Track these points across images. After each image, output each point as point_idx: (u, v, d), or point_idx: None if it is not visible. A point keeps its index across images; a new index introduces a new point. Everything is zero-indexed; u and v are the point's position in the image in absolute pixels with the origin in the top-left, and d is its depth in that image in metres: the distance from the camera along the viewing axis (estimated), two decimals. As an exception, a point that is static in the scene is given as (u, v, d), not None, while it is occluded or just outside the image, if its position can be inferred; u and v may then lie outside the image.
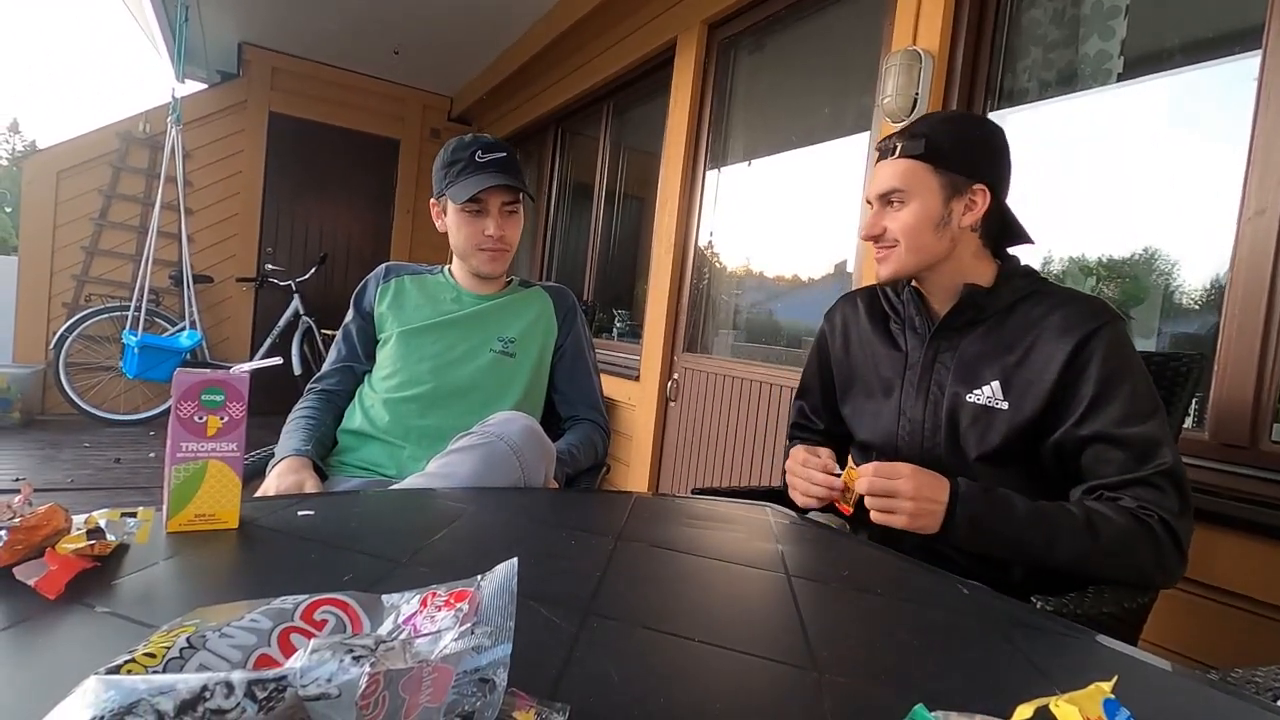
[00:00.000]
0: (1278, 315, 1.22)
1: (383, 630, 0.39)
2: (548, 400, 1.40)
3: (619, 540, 0.77)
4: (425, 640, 0.35)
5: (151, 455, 3.71)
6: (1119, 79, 1.60)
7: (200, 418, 0.67)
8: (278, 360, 0.90)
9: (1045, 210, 1.71)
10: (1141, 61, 1.59)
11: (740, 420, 2.51)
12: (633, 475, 3.09)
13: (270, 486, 1.07)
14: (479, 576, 0.40)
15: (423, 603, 0.39)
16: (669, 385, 2.93)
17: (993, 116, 1.81)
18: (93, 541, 0.55)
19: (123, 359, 4.02)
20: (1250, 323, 1.25)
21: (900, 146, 0.99)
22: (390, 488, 1.03)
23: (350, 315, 1.39)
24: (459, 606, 0.38)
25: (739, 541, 0.84)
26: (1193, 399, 1.06)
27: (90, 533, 0.56)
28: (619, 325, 3.77)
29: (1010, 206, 1.03)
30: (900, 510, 0.87)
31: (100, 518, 0.59)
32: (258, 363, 0.77)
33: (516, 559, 0.41)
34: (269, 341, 4.57)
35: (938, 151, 0.96)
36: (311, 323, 4.50)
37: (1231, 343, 1.27)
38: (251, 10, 4.16)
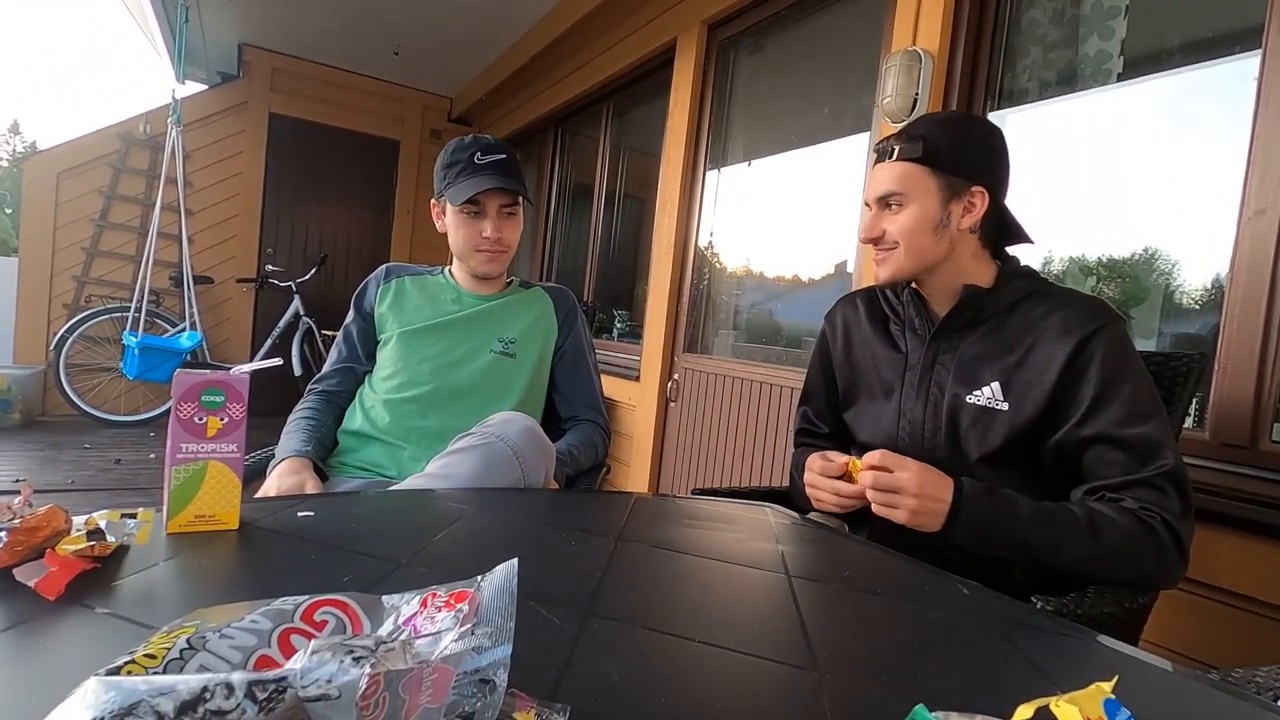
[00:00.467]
0: (1278, 315, 1.22)
1: (383, 631, 0.39)
2: (548, 401, 1.40)
3: (619, 541, 0.77)
4: (425, 641, 0.35)
5: (152, 456, 3.71)
6: (1119, 79, 1.60)
7: (200, 419, 0.67)
8: (278, 361, 0.90)
9: (1045, 210, 1.71)
10: (1141, 61, 1.59)
11: (740, 421, 2.51)
12: (633, 476, 3.09)
13: (271, 487, 1.07)
14: (479, 577, 0.40)
15: (423, 603, 0.39)
16: (669, 386, 2.93)
17: (993, 117, 1.81)
18: (93, 543, 0.55)
19: (123, 360, 4.02)
20: (1250, 322, 1.25)
21: (898, 149, 0.98)
22: (390, 488, 1.03)
23: (350, 316, 1.39)
24: (459, 607, 0.38)
25: (739, 542, 0.84)
26: (1193, 399, 1.06)
27: (90, 534, 0.56)
28: (619, 326, 3.77)
29: (1009, 207, 1.03)
30: (902, 505, 0.87)
31: (100, 519, 0.59)
32: (258, 364, 0.77)
33: (517, 560, 0.41)
34: (269, 342, 4.58)
35: (935, 154, 0.96)
36: (312, 324, 4.50)
37: (1232, 342, 1.27)
38: (251, 11, 4.16)
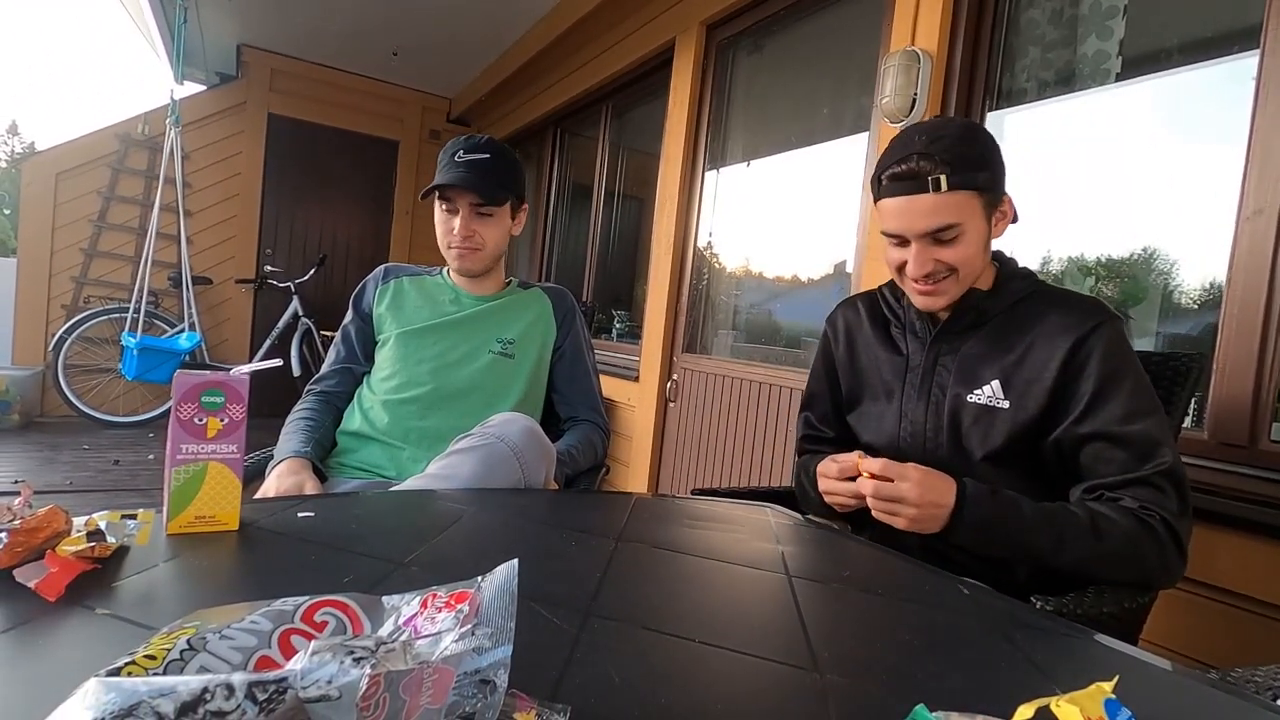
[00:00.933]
0: (1276, 315, 1.23)
1: (383, 632, 0.39)
2: (547, 401, 1.40)
3: (619, 541, 0.77)
4: (426, 642, 0.35)
5: (151, 457, 3.71)
6: (1117, 79, 1.60)
7: (200, 419, 0.67)
8: (277, 362, 0.90)
9: (1044, 210, 1.71)
10: (1140, 61, 1.59)
11: (740, 421, 2.51)
12: (633, 476, 3.09)
13: (270, 488, 1.06)
14: (479, 578, 0.40)
15: (423, 604, 0.39)
16: (668, 386, 2.93)
17: (991, 117, 1.81)
18: (93, 544, 0.55)
19: (122, 361, 4.01)
20: (1249, 322, 1.25)
21: (947, 179, 0.91)
22: (390, 489, 1.03)
23: (349, 316, 1.39)
24: (459, 608, 0.38)
25: (739, 542, 0.84)
26: (1192, 399, 1.06)
27: (90, 535, 0.56)
28: (618, 326, 3.77)
29: None
30: (903, 514, 0.88)
31: (100, 520, 0.59)
32: (257, 364, 0.77)
33: (517, 560, 0.41)
34: (268, 343, 4.57)
35: (976, 175, 0.92)
36: (311, 324, 4.50)
37: (1230, 342, 1.28)
38: (250, 12, 4.15)
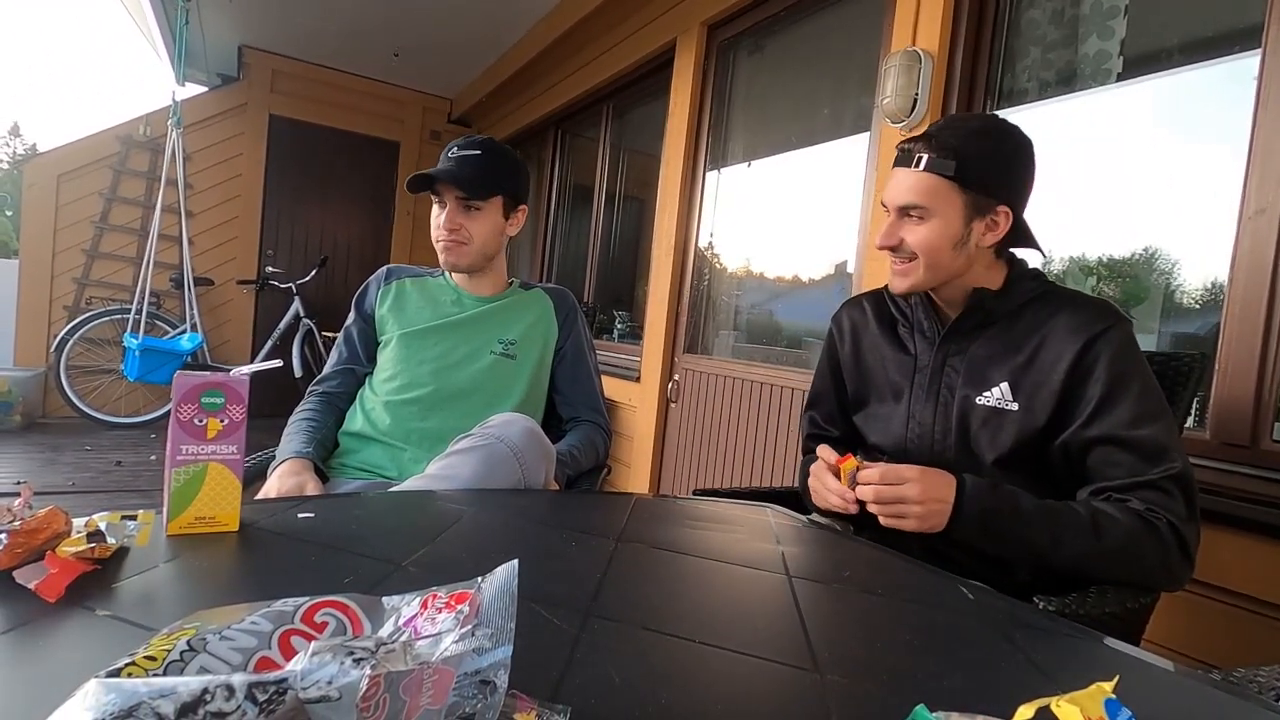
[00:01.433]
0: (1278, 315, 1.22)
1: (383, 632, 0.39)
2: (548, 402, 1.40)
3: (620, 541, 0.77)
4: (426, 642, 0.35)
5: (152, 458, 3.71)
6: (1118, 79, 1.60)
7: (201, 420, 0.67)
8: (278, 363, 0.90)
9: (1045, 210, 1.70)
10: (1141, 61, 1.59)
11: (741, 421, 2.51)
12: (633, 476, 3.09)
13: (271, 489, 1.07)
14: (479, 578, 0.40)
15: (423, 605, 0.39)
16: (670, 386, 2.93)
17: (992, 117, 1.81)
18: (93, 544, 0.55)
19: (123, 362, 4.02)
20: (1251, 322, 1.25)
21: (926, 159, 0.93)
22: (391, 489, 1.03)
23: (351, 317, 1.39)
24: (460, 608, 0.38)
25: (740, 543, 0.84)
26: (1194, 398, 1.06)
27: (90, 536, 0.56)
28: (619, 326, 3.77)
29: (1026, 219, 1.00)
30: (909, 515, 0.87)
31: (100, 521, 0.59)
32: (258, 365, 0.77)
33: (517, 561, 0.40)
34: (270, 344, 4.58)
35: (966, 171, 0.92)
36: (312, 325, 4.51)
37: (1232, 342, 1.27)
38: (251, 13, 4.16)
